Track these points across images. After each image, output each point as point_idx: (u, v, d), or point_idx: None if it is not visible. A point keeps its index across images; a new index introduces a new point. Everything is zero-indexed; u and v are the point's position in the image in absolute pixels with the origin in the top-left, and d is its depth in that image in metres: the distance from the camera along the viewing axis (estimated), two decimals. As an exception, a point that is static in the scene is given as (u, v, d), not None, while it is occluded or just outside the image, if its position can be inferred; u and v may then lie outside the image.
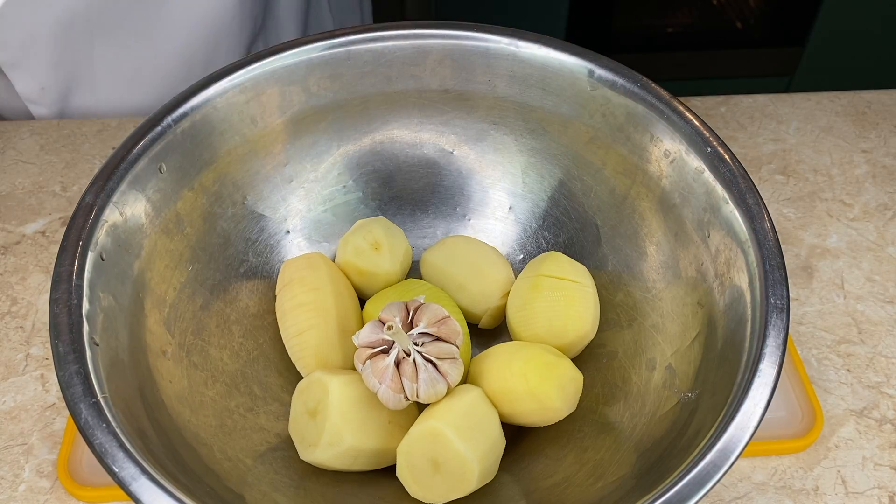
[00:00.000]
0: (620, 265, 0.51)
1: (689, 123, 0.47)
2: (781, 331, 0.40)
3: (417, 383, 0.42)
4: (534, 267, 0.51)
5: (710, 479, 0.36)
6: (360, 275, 0.52)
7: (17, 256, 0.61)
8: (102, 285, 0.42)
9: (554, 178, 0.54)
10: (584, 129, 0.52)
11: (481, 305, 0.52)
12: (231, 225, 0.51)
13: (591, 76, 0.50)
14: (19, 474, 0.50)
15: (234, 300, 0.50)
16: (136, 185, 0.45)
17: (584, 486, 0.43)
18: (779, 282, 0.41)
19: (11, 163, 0.68)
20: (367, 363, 0.43)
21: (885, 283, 0.60)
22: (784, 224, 0.64)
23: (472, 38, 0.51)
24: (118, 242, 0.43)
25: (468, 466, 0.42)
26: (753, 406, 0.38)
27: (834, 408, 0.53)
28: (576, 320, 0.48)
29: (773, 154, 0.69)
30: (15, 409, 0.53)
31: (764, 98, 0.74)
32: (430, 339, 0.43)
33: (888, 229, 0.64)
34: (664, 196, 0.49)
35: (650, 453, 0.42)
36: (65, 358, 0.38)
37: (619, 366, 0.48)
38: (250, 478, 0.43)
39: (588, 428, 0.47)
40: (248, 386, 0.48)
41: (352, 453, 0.44)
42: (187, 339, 0.46)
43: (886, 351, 0.56)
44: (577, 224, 0.54)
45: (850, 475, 0.51)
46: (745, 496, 0.50)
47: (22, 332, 0.57)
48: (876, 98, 0.74)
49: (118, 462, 0.36)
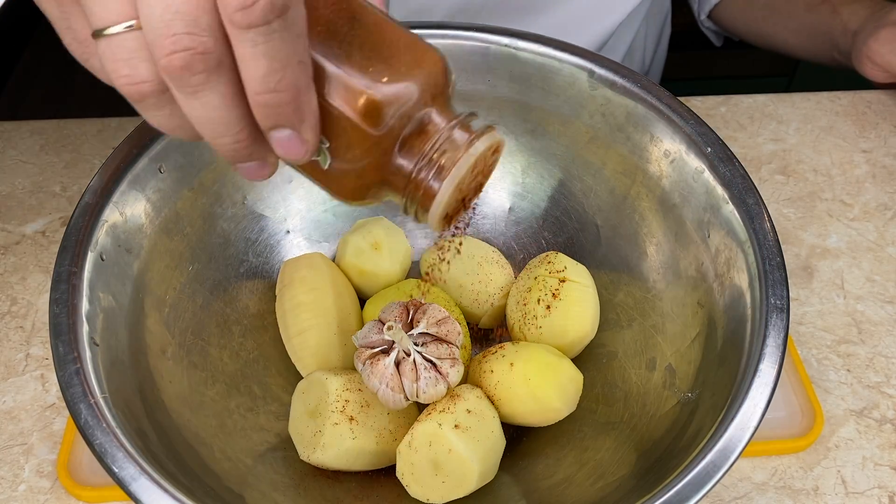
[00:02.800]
0: (620, 265, 0.51)
1: (689, 123, 0.47)
2: (781, 331, 0.40)
3: (417, 383, 0.42)
4: (534, 267, 0.51)
5: (710, 479, 0.36)
6: (360, 275, 0.52)
7: (17, 256, 0.61)
8: (102, 285, 0.42)
9: (554, 178, 0.54)
10: (584, 129, 0.52)
11: (481, 305, 0.52)
12: (231, 225, 0.51)
13: (591, 76, 0.50)
14: (19, 474, 0.50)
15: (234, 300, 0.50)
16: (136, 185, 0.45)
17: (584, 486, 0.43)
18: (779, 282, 0.41)
19: (11, 163, 0.68)
20: (367, 363, 0.43)
21: (885, 283, 0.60)
22: (784, 224, 0.64)
23: (472, 39, 0.51)
24: (118, 242, 0.43)
25: (468, 466, 0.42)
26: (753, 406, 0.38)
27: (834, 408, 0.53)
28: (576, 320, 0.48)
29: (773, 154, 0.69)
30: (15, 409, 0.53)
31: (764, 98, 0.74)
32: (430, 339, 0.43)
33: (888, 229, 0.64)
34: (664, 196, 0.49)
35: (650, 453, 0.42)
36: (65, 358, 0.38)
37: (619, 366, 0.48)
38: (250, 478, 0.43)
39: (588, 428, 0.47)
40: (248, 386, 0.48)
41: (352, 453, 0.44)
42: (187, 339, 0.46)
43: (886, 351, 0.56)
44: (577, 224, 0.54)
45: (850, 475, 0.51)
46: (745, 496, 0.50)
47: (22, 332, 0.57)
48: (876, 98, 0.74)
49: (118, 462, 0.36)
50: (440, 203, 0.32)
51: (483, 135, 0.32)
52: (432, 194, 0.32)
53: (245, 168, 0.31)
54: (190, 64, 0.26)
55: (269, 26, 0.26)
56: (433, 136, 0.31)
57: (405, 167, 0.31)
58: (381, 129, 0.30)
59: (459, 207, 0.34)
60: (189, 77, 0.27)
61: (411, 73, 0.30)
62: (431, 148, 0.31)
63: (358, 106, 0.29)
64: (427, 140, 0.31)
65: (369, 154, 0.31)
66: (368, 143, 0.30)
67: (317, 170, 0.32)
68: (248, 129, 0.29)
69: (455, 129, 0.31)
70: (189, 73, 0.27)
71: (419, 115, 0.31)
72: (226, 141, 0.29)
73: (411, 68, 0.30)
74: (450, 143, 0.31)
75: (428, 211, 0.32)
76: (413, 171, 0.31)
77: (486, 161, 0.33)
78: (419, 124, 0.31)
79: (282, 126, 0.29)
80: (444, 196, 0.31)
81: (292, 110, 0.29)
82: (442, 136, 0.31)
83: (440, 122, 0.31)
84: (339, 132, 0.30)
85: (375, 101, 0.29)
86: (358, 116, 0.30)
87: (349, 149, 0.30)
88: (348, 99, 0.29)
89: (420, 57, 0.31)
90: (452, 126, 0.31)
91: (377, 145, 0.30)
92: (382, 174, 0.32)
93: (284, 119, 0.29)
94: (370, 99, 0.29)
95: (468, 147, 0.31)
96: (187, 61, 0.26)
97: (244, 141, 0.29)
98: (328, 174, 0.32)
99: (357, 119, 0.30)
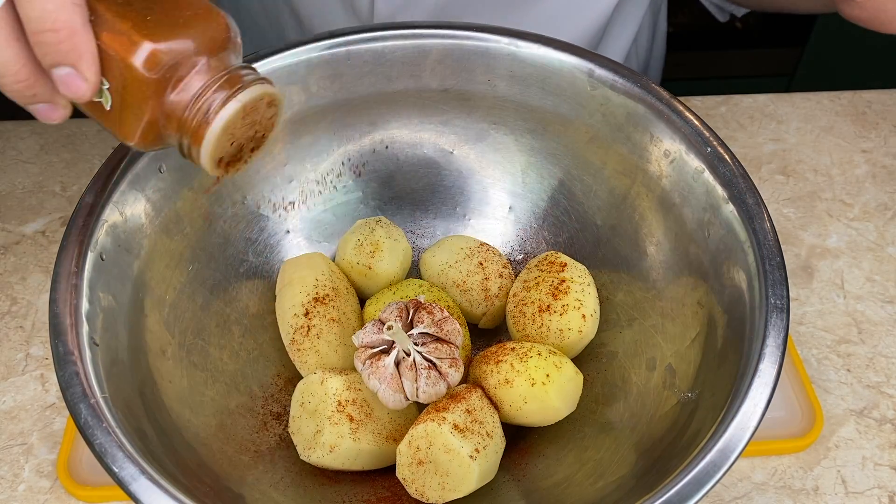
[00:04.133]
0: (620, 265, 0.51)
1: (689, 123, 0.47)
2: (781, 331, 0.40)
3: (417, 383, 0.42)
4: (534, 267, 0.51)
5: (710, 479, 0.36)
6: (360, 275, 0.52)
7: (17, 256, 0.61)
8: (102, 285, 0.42)
9: (554, 178, 0.54)
10: (584, 129, 0.52)
11: (481, 305, 0.52)
12: (231, 225, 0.51)
13: (591, 76, 0.50)
14: (19, 474, 0.50)
15: (234, 300, 0.50)
16: (136, 184, 0.45)
17: (584, 486, 0.43)
18: (779, 282, 0.41)
19: (11, 163, 0.68)
20: (367, 363, 0.43)
21: (885, 283, 0.60)
22: (784, 224, 0.64)
23: (472, 38, 0.51)
24: (118, 242, 0.43)
25: (468, 466, 0.42)
26: (753, 406, 0.38)
27: (834, 408, 0.53)
28: (576, 320, 0.48)
29: (773, 154, 0.69)
30: (15, 409, 0.53)
31: (764, 98, 0.74)
32: (430, 339, 0.43)
33: (888, 229, 0.64)
34: (664, 196, 0.49)
35: (650, 453, 0.42)
36: (65, 358, 0.38)
37: (619, 366, 0.48)
38: (250, 478, 0.43)
39: (588, 428, 0.47)
40: (248, 386, 0.48)
41: (351, 453, 0.44)
42: (187, 339, 0.46)
43: (886, 351, 0.56)
44: (577, 224, 0.54)
45: (849, 475, 0.51)
46: (745, 496, 0.50)
47: (22, 332, 0.57)
48: (876, 98, 0.74)
49: (118, 462, 0.36)
50: (209, 142, 0.35)
51: (253, 84, 0.35)
52: (201, 135, 0.35)
53: (37, 110, 0.34)
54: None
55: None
56: (206, 82, 0.34)
57: (179, 109, 0.34)
58: (157, 73, 0.33)
59: (237, 156, 0.37)
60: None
61: (189, 24, 0.34)
62: (203, 92, 0.34)
63: (134, 51, 0.33)
64: (200, 85, 0.34)
65: (145, 95, 0.34)
66: (144, 85, 0.33)
67: (102, 112, 0.35)
68: (28, 68, 0.32)
69: (226, 77, 0.35)
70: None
71: (195, 63, 0.34)
72: (8, 80, 0.32)
73: (189, 21, 0.34)
74: (219, 90, 0.34)
75: (201, 149, 0.35)
76: (185, 112, 0.35)
77: (261, 113, 0.37)
78: (194, 71, 0.34)
79: (61, 63, 0.32)
80: (212, 136, 0.35)
81: (70, 48, 0.31)
82: (213, 82, 0.34)
83: (214, 71, 0.35)
84: (118, 74, 0.33)
85: (151, 48, 0.33)
86: (134, 60, 0.33)
87: (127, 90, 0.34)
88: (125, 43, 0.33)
89: (199, 13, 0.34)
90: (224, 74, 0.35)
91: (153, 87, 0.34)
92: (159, 114, 0.35)
93: (62, 57, 0.31)
94: (145, 45, 0.33)
95: (236, 93, 0.35)
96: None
97: (26, 80, 0.32)
98: (112, 116, 0.35)
99: (134, 63, 0.33)
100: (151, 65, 0.33)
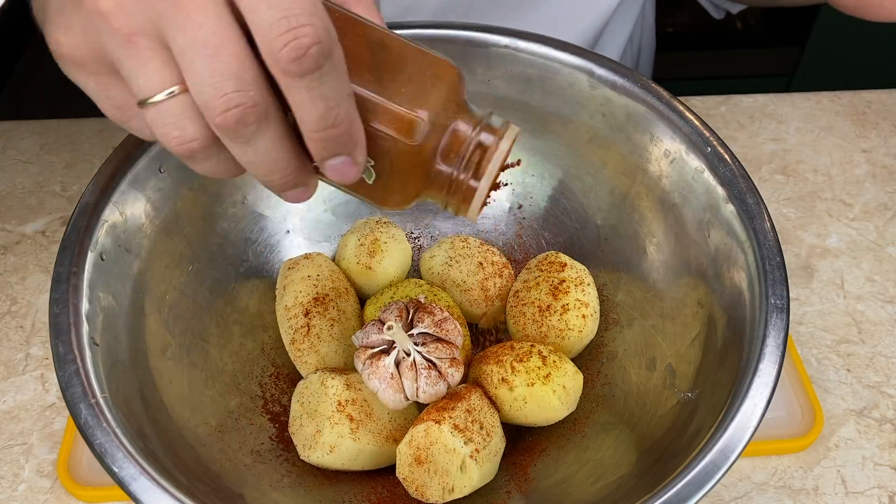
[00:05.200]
0: (620, 265, 0.51)
1: (689, 123, 0.47)
2: (781, 331, 0.40)
3: (417, 383, 0.42)
4: (534, 267, 0.51)
5: (710, 479, 0.36)
6: (360, 275, 0.52)
7: (17, 256, 0.61)
8: (102, 285, 0.42)
9: (554, 178, 0.54)
10: (584, 129, 0.52)
11: (481, 305, 0.52)
12: (231, 225, 0.51)
13: (591, 76, 0.50)
14: (19, 474, 0.50)
15: (234, 300, 0.50)
16: (136, 184, 0.45)
17: (584, 486, 0.43)
18: (779, 282, 0.41)
19: (11, 163, 0.68)
20: (367, 363, 0.43)
21: (884, 283, 0.60)
22: (784, 224, 0.64)
23: (472, 38, 0.51)
24: (118, 242, 0.43)
25: (468, 466, 0.42)
26: (753, 406, 0.38)
27: (834, 408, 0.53)
28: (576, 320, 0.48)
29: (773, 154, 0.69)
30: (15, 409, 0.53)
31: (764, 98, 0.74)
32: (430, 339, 0.43)
33: (888, 229, 0.64)
34: (664, 196, 0.49)
35: (650, 453, 0.42)
36: (65, 358, 0.38)
37: (619, 366, 0.48)
38: (250, 477, 0.43)
39: (588, 428, 0.47)
40: (248, 386, 0.48)
41: (351, 453, 0.44)
42: (187, 339, 0.46)
43: (886, 351, 0.56)
44: (577, 224, 0.54)
45: (849, 475, 0.51)
46: (745, 496, 0.50)
47: (22, 332, 0.57)
48: (876, 98, 0.74)
49: (118, 462, 0.36)
50: (481, 198, 0.36)
51: (507, 132, 0.36)
52: (472, 192, 0.36)
53: (290, 195, 0.34)
54: (243, 118, 0.29)
55: (321, 70, 0.29)
56: (465, 140, 0.35)
57: (444, 172, 0.35)
58: (420, 142, 0.34)
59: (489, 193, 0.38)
60: (243, 129, 0.30)
61: (436, 86, 0.34)
62: (465, 151, 0.35)
63: (399, 125, 0.33)
64: (460, 145, 0.35)
65: (411, 165, 0.34)
66: (410, 155, 0.34)
67: (361, 185, 0.36)
68: (296, 163, 0.32)
69: (482, 132, 0.35)
70: (243, 126, 0.30)
71: (449, 123, 0.35)
72: (276, 177, 0.33)
73: (435, 82, 0.34)
74: (481, 145, 0.35)
75: (470, 206, 0.36)
76: (453, 175, 0.35)
77: None
78: (450, 131, 0.35)
79: (338, 155, 0.32)
80: (483, 192, 0.36)
81: (347, 139, 0.31)
82: (472, 140, 0.35)
83: (468, 127, 0.35)
84: (383, 150, 0.34)
85: (413, 118, 0.33)
86: (400, 134, 0.33)
87: (393, 163, 0.34)
88: (390, 120, 0.33)
89: (439, 70, 0.34)
90: (479, 129, 0.35)
91: (417, 157, 0.34)
92: (424, 181, 0.35)
93: (341, 148, 0.32)
94: (408, 117, 0.33)
95: (497, 146, 0.35)
96: (240, 116, 0.29)
97: (293, 174, 0.33)
98: (374, 188, 0.36)
99: (399, 136, 0.33)
100: (414, 136, 0.33)
